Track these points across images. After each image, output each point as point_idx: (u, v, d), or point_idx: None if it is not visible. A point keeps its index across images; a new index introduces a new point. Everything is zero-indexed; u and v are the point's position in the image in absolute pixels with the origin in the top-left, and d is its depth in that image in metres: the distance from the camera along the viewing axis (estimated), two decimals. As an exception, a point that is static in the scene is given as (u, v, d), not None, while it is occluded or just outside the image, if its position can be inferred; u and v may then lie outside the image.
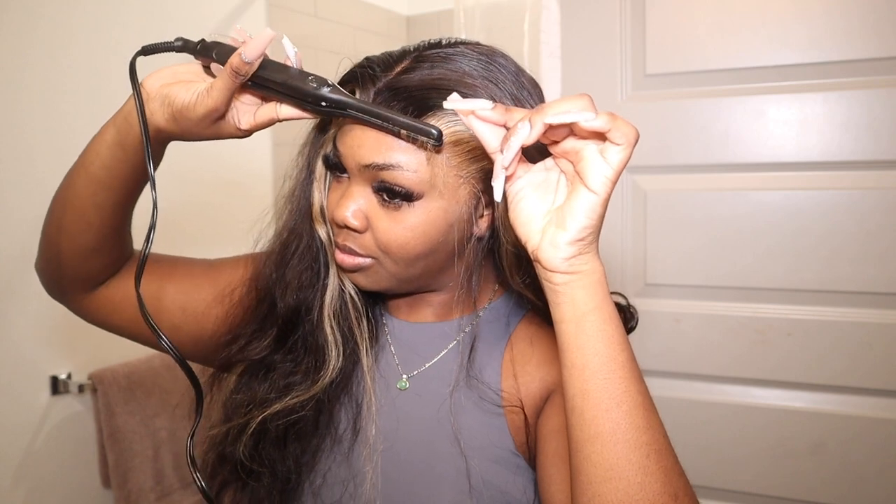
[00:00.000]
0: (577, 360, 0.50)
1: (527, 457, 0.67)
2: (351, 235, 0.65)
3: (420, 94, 0.60)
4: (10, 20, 1.15)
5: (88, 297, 0.74)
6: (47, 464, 1.23)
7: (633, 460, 0.48)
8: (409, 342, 0.74)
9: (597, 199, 0.47)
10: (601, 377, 0.49)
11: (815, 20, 1.45)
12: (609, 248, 1.63)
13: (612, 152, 0.46)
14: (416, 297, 0.74)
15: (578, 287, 0.50)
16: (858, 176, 1.45)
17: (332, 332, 0.70)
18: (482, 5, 1.74)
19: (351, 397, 0.72)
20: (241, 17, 1.55)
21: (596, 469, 0.49)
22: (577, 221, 0.48)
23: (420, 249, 0.64)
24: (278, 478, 0.70)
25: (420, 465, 0.68)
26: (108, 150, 0.65)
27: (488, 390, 0.68)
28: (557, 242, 0.49)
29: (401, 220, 0.62)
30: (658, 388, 1.59)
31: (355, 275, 0.68)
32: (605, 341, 0.50)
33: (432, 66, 0.62)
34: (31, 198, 1.18)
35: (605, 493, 0.48)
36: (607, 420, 0.49)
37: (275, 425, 0.69)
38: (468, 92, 0.61)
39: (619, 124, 0.46)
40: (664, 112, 1.57)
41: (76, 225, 0.68)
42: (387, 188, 0.61)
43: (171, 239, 1.44)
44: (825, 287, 1.48)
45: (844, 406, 1.49)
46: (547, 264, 0.50)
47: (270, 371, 0.71)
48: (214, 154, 1.50)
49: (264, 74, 0.59)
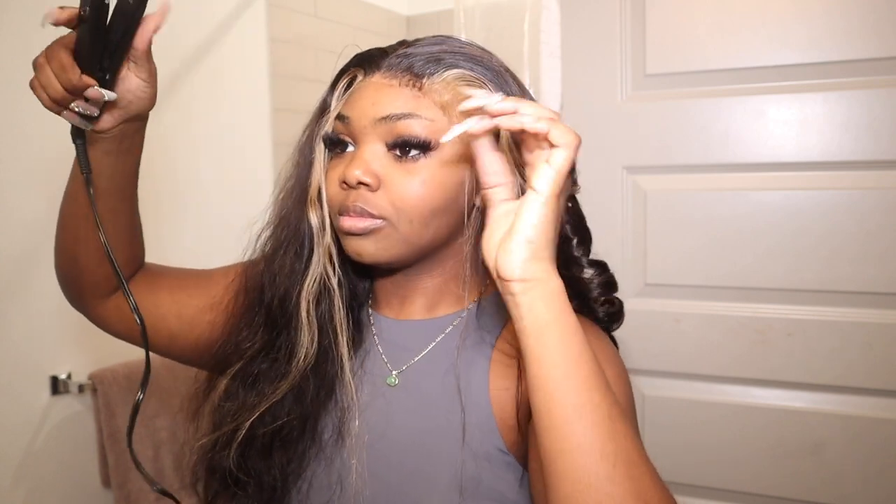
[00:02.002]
0: (539, 372, 0.51)
1: (518, 455, 0.67)
2: (362, 196, 0.64)
3: (432, 55, 0.65)
4: (11, 20, 1.15)
5: (102, 305, 0.77)
6: (47, 464, 1.23)
7: (599, 472, 0.48)
8: (397, 339, 0.74)
9: (540, 198, 0.50)
10: (563, 390, 0.50)
11: (815, 20, 1.45)
12: (609, 248, 1.63)
13: (555, 154, 0.50)
14: (408, 284, 0.73)
15: (537, 297, 0.51)
16: (858, 176, 1.45)
17: (308, 317, 0.70)
18: (482, 5, 1.74)
19: (336, 403, 0.71)
20: (241, 16, 1.55)
21: (564, 483, 0.49)
22: (524, 220, 0.50)
23: (436, 204, 0.64)
24: (264, 488, 0.70)
25: (410, 459, 0.68)
26: (111, 162, 0.68)
27: (469, 380, 0.68)
28: (510, 247, 0.51)
29: (417, 172, 0.64)
30: (658, 388, 1.60)
31: (362, 241, 0.66)
32: (565, 354, 0.50)
33: (434, 45, 0.67)
34: (31, 198, 1.18)
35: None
36: (572, 434, 0.49)
37: (261, 433, 0.69)
38: (478, 54, 0.67)
39: (558, 126, 0.50)
40: (664, 112, 1.57)
41: (92, 236, 0.70)
42: (403, 141, 0.63)
43: (171, 239, 1.44)
44: (825, 287, 1.48)
45: (844, 406, 1.49)
46: (503, 273, 0.51)
47: (257, 378, 0.72)
48: (214, 154, 1.51)
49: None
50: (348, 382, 0.70)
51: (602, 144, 1.61)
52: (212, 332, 0.77)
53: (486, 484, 0.66)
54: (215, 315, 0.76)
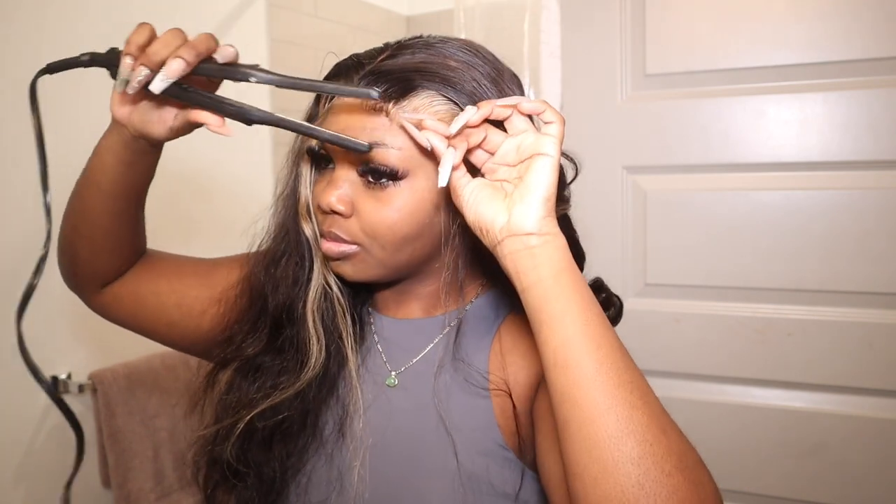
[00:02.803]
0: (557, 310, 0.52)
1: (516, 451, 0.67)
2: (336, 221, 0.65)
3: (402, 75, 0.62)
4: (11, 21, 1.15)
5: (102, 293, 0.78)
6: (47, 464, 1.23)
7: (618, 396, 0.50)
8: (396, 339, 0.74)
9: (551, 160, 0.54)
10: (581, 322, 0.52)
11: (815, 20, 1.45)
12: (609, 248, 1.64)
13: (550, 127, 0.55)
14: (404, 291, 0.74)
15: (553, 248, 0.54)
16: (858, 176, 1.45)
17: (315, 328, 0.70)
18: (482, 5, 1.74)
19: (338, 399, 0.72)
20: (241, 16, 1.55)
21: (584, 412, 0.50)
22: (541, 182, 0.54)
23: (407, 231, 0.64)
24: (263, 480, 0.71)
25: (410, 460, 0.69)
26: (113, 162, 0.67)
27: (475, 373, 0.69)
28: (529, 204, 0.54)
29: (387, 200, 0.63)
30: (658, 387, 1.58)
31: (341, 264, 0.68)
32: (581, 291, 0.53)
33: (414, 52, 0.65)
34: (32, 198, 1.18)
35: (596, 432, 0.49)
36: (590, 361, 0.51)
37: (262, 426, 0.70)
38: (451, 74, 0.63)
39: (549, 107, 0.56)
40: (664, 112, 1.57)
41: (94, 232, 0.71)
42: (372, 168, 0.63)
43: (171, 240, 1.44)
44: (825, 287, 1.48)
45: (844, 406, 1.49)
46: (522, 228, 0.54)
47: (259, 372, 0.72)
48: (214, 155, 1.51)
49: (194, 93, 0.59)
50: (353, 384, 0.71)
51: (602, 144, 1.61)
52: (213, 324, 0.77)
53: (487, 480, 0.66)
54: (219, 308, 0.76)
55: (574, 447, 0.50)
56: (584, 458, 0.49)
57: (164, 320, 0.78)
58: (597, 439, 0.49)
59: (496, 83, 0.66)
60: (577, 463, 0.50)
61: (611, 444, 0.48)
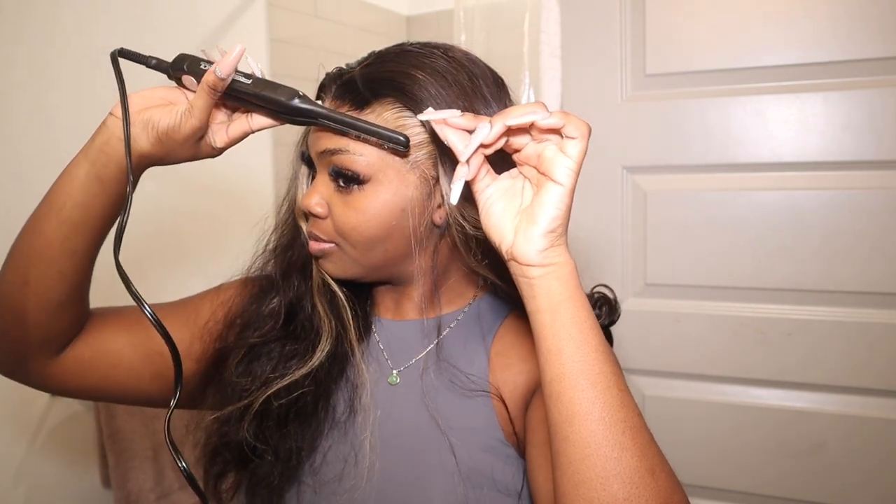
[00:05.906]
0: (552, 345, 0.52)
1: (517, 447, 0.69)
2: (316, 223, 0.69)
3: (367, 86, 0.65)
4: (5, 19, 1.15)
5: (54, 363, 0.68)
6: (47, 464, 1.24)
7: (608, 437, 0.50)
8: (398, 339, 0.76)
9: (563, 190, 0.52)
10: (576, 360, 0.52)
11: (815, 20, 1.45)
12: (609, 248, 1.63)
13: (570, 146, 0.51)
14: (399, 293, 0.76)
15: (553, 279, 0.53)
16: (859, 176, 1.45)
17: (325, 311, 0.73)
18: (482, 5, 1.74)
19: (347, 381, 0.74)
20: (241, 17, 1.55)
21: (574, 448, 0.50)
22: (547, 213, 0.52)
23: (373, 233, 0.66)
24: (280, 457, 0.72)
25: (410, 454, 0.70)
26: (81, 186, 0.62)
27: (459, 374, 0.70)
28: (531, 236, 0.52)
29: (353, 203, 0.66)
30: (658, 388, 1.60)
31: (323, 261, 0.72)
32: (579, 327, 0.52)
33: (384, 62, 0.66)
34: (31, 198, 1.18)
35: (584, 470, 0.50)
36: (583, 400, 0.51)
37: (277, 405, 0.71)
38: (409, 84, 0.64)
39: (571, 119, 0.51)
40: (664, 112, 1.57)
41: (46, 276, 0.63)
42: (339, 172, 0.66)
43: (171, 241, 1.44)
44: (826, 287, 1.48)
45: (845, 406, 1.49)
46: (523, 259, 0.53)
47: (269, 355, 0.74)
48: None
49: (238, 87, 0.62)
50: (359, 366, 0.73)
51: (602, 144, 1.61)
52: (198, 363, 0.75)
53: (489, 477, 0.67)
54: (201, 346, 0.75)
55: (563, 480, 0.51)
56: (572, 493, 0.50)
57: (148, 372, 0.72)
58: (584, 478, 0.50)
59: (465, 92, 0.65)
60: (565, 494, 0.51)
61: (597, 484, 0.49)
